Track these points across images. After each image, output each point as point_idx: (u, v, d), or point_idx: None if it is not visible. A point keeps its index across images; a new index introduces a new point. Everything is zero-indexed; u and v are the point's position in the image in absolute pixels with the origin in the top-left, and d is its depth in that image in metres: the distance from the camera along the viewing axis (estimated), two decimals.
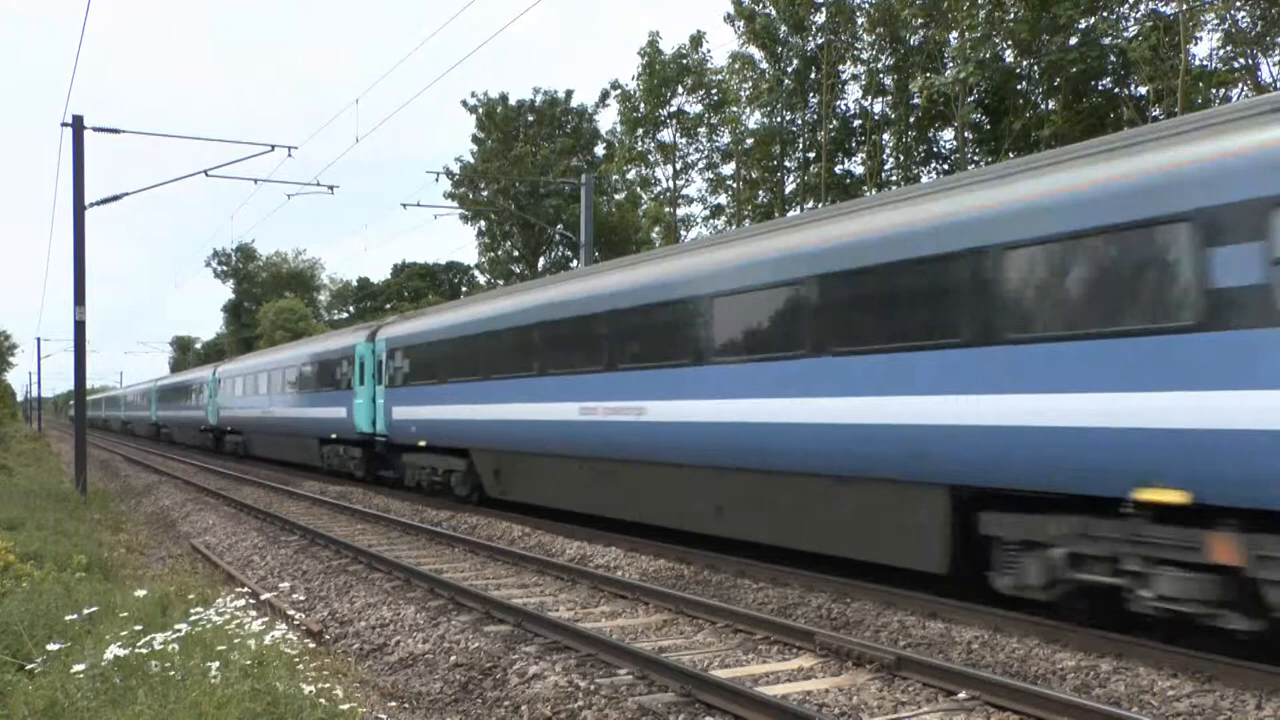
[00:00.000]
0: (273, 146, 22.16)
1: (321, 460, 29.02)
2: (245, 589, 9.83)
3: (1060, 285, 8.55)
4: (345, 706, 5.63)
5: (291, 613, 10.38)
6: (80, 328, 21.84)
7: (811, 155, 38.29)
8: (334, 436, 27.23)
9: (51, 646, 5.99)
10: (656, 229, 46.42)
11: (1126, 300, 8.07)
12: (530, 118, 53.95)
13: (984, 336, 9.20)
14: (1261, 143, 7.32)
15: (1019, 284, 8.90)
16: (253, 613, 6.91)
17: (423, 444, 21.60)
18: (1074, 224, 8.42)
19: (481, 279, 60.03)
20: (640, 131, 43.43)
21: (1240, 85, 26.19)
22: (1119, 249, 8.13)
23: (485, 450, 18.96)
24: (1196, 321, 7.60)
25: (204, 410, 45.04)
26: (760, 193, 40.88)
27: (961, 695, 7.30)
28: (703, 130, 42.82)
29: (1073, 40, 28.25)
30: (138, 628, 6.09)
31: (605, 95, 52.47)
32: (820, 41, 36.12)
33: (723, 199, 42.90)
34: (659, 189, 45.68)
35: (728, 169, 42.42)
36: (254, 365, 37.99)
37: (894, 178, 35.73)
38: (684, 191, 44.91)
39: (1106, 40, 27.93)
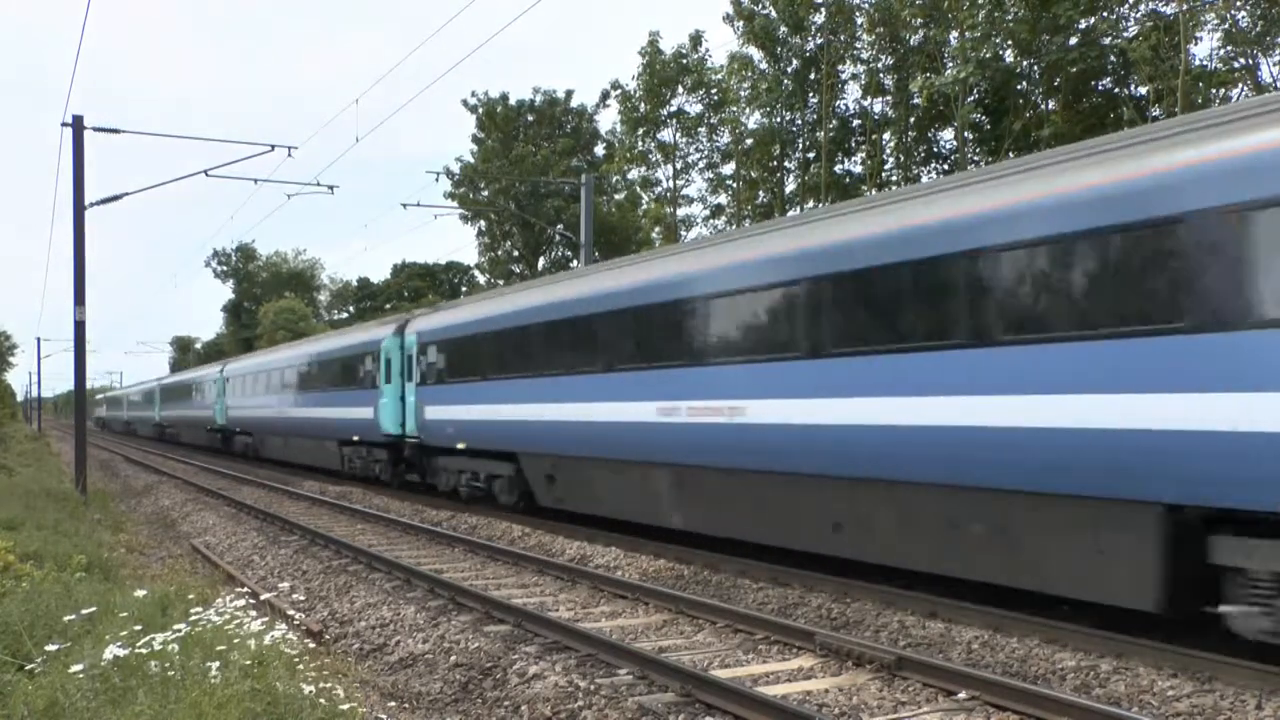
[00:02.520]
0: (273, 146, 22.16)
1: (342, 463, 27.42)
2: (245, 589, 9.83)
3: None
4: (345, 706, 5.63)
5: (291, 613, 10.37)
6: (80, 328, 21.84)
7: (811, 155, 38.29)
8: (356, 439, 25.76)
9: (51, 647, 5.98)
10: (657, 229, 46.41)
11: None
12: (530, 118, 53.94)
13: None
14: None
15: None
16: (252, 613, 6.91)
17: (460, 446, 20.02)
18: None
19: (481, 279, 60.03)
20: (641, 131, 43.41)
21: (1240, 85, 26.19)
22: None
23: (537, 454, 17.23)
24: None
25: (211, 410, 43.33)
26: (760, 193, 40.89)
27: (961, 695, 7.29)
28: (703, 130, 42.82)
29: (1073, 40, 28.24)
30: (137, 628, 6.08)
31: (605, 95, 52.51)
32: (820, 41, 36.11)
33: (723, 199, 42.92)
34: (659, 189, 45.71)
35: (728, 169, 42.44)
36: (264, 363, 36.48)
37: (894, 178, 35.73)
38: (684, 191, 44.92)
39: (1106, 40, 27.93)
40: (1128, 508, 8.04)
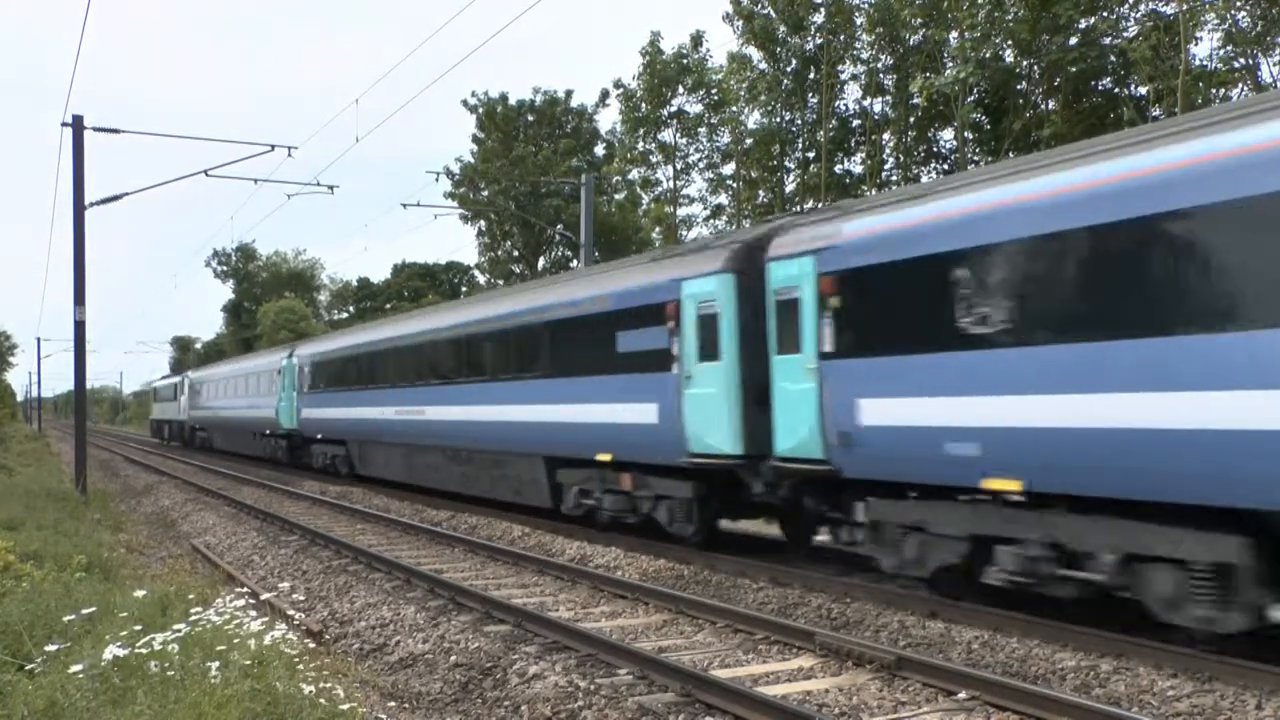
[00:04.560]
0: (273, 146, 22.16)
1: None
2: (245, 589, 9.83)
3: None
4: (345, 706, 5.63)
5: (291, 613, 10.37)
6: (80, 328, 21.84)
7: (811, 155, 38.30)
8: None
9: (51, 647, 5.98)
10: (657, 229, 46.41)
11: None
12: (530, 118, 53.90)
13: None
14: None
15: None
16: (252, 613, 6.91)
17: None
18: None
19: (481, 279, 60.01)
20: (641, 131, 43.40)
21: (1240, 85, 26.18)
22: None
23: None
24: None
25: (273, 409, 33.53)
26: (760, 192, 40.88)
27: (961, 695, 7.29)
28: (703, 130, 42.80)
29: (1073, 40, 28.23)
30: (137, 628, 6.09)
31: (605, 95, 52.50)
32: (819, 41, 36.10)
33: (723, 199, 42.92)
34: (660, 189, 45.70)
35: (728, 169, 42.43)
36: (399, 335, 24.41)
37: (894, 177, 35.73)
38: (684, 191, 44.91)
39: (1106, 40, 27.92)
40: None
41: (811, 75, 36.75)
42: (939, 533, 9.85)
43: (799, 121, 37.72)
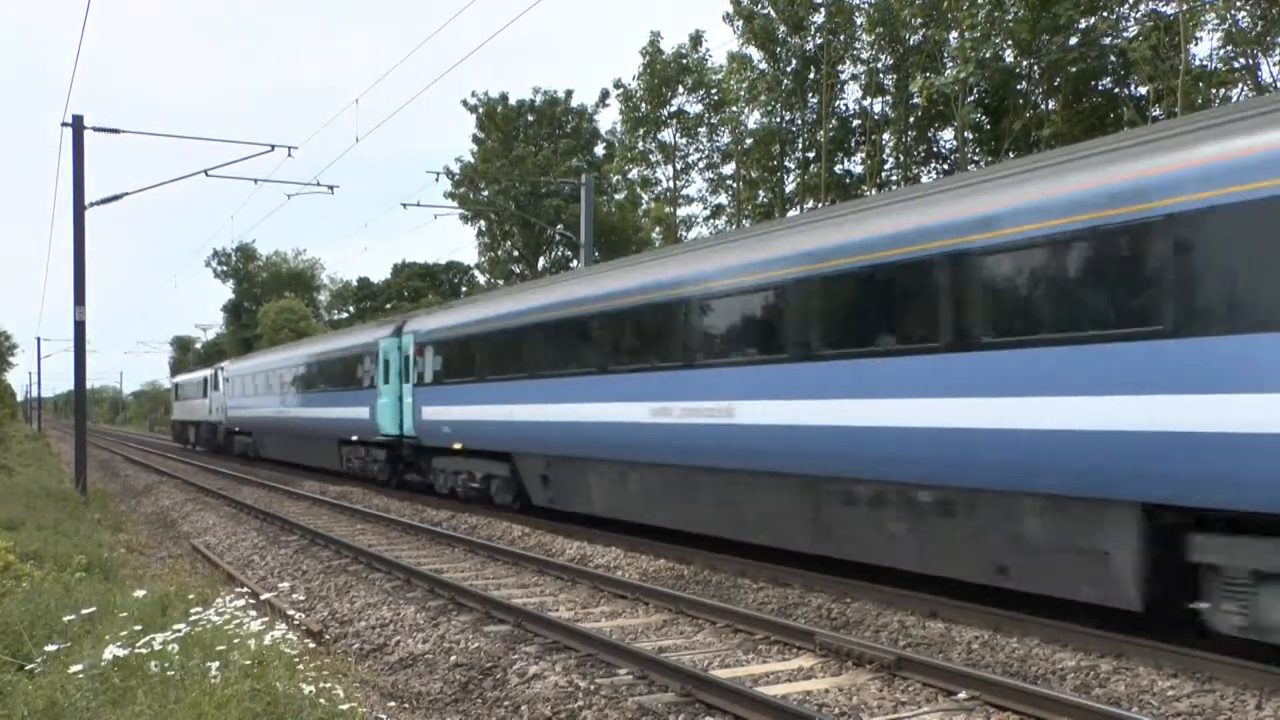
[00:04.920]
0: (273, 146, 22.15)
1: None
2: (245, 589, 9.83)
3: None
4: (345, 706, 5.63)
5: (291, 613, 10.37)
6: (80, 328, 21.84)
7: (811, 155, 38.30)
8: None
9: (51, 647, 5.98)
10: (657, 229, 46.41)
11: None
12: (530, 118, 53.90)
13: None
14: None
15: None
16: (252, 613, 6.91)
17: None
18: None
19: (481, 279, 60.00)
20: (641, 131, 43.39)
21: (1240, 85, 26.17)
22: None
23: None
24: None
25: (367, 406, 24.83)
26: (760, 192, 40.88)
27: (961, 695, 7.29)
28: (703, 130, 42.81)
29: (1073, 40, 28.23)
30: (137, 628, 6.08)
31: (605, 95, 52.50)
32: (819, 41, 36.10)
33: (723, 199, 42.92)
34: (660, 189, 45.69)
35: (728, 169, 42.43)
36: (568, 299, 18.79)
37: (894, 177, 35.73)
38: (684, 191, 44.90)
39: (1106, 40, 27.92)
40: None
41: (811, 75, 36.76)
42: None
43: (799, 121, 37.73)
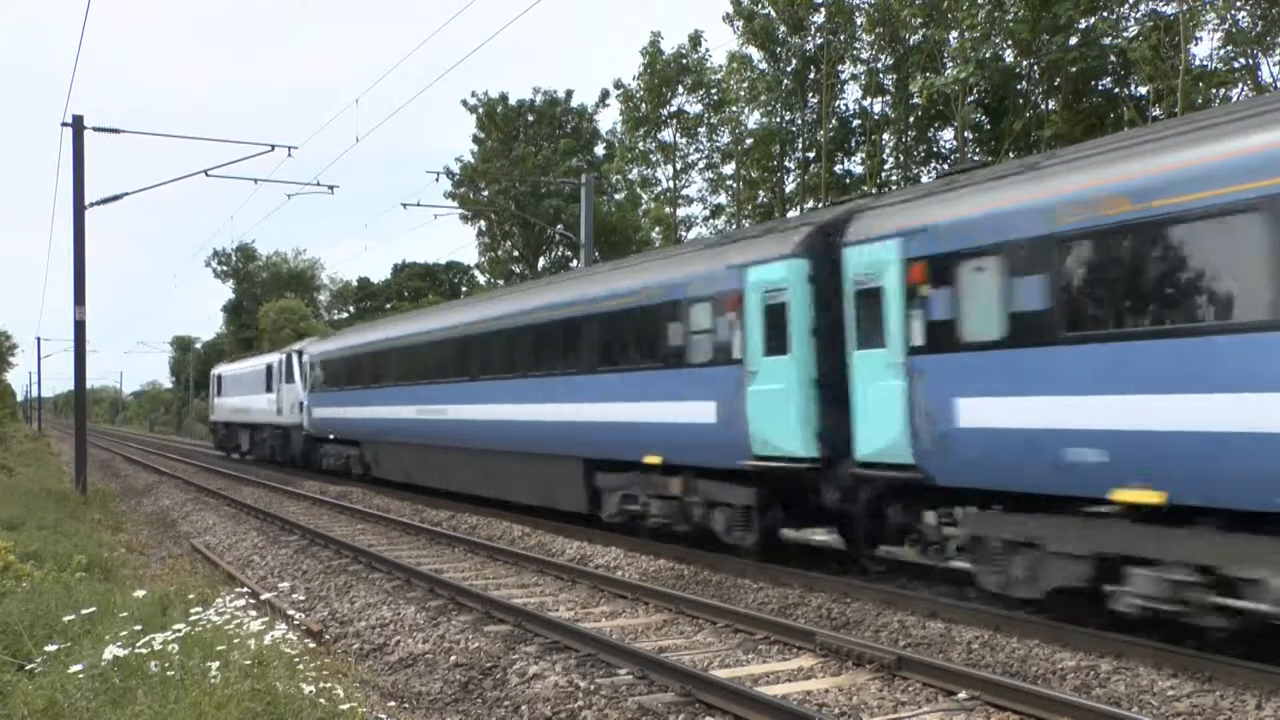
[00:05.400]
0: (273, 146, 22.17)
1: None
2: (245, 589, 9.83)
3: None
4: (345, 706, 5.63)
5: (291, 613, 10.37)
6: (80, 328, 21.84)
7: (811, 155, 38.28)
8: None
9: (51, 647, 5.98)
10: (657, 229, 46.39)
11: None
12: (530, 118, 53.89)
13: None
14: None
15: None
16: (252, 613, 6.91)
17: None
18: None
19: (481, 279, 59.99)
20: (641, 131, 43.37)
21: (1240, 85, 26.16)
22: None
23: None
24: None
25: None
26: (760, 192, 40.87)
27: (961, 695, 7.29)
28: (703, 130, 42.78)
29: (1073, 40, 28.21)
30: (137, 628, 6.08)
31: (605, 95, 52.45)
32: (819, 41, 36.09)
33: (723, 199, 42.91)
34: (659, 189, 45.66)
35: (728, 169, 42.41)
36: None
37: (894, 177, 35.72)
38: (684, 191, 44.87)
39: (1106, 40, 27.89)
40: None
41: (811, 75, 36.74)
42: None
43: (799, 121, 37.70)
